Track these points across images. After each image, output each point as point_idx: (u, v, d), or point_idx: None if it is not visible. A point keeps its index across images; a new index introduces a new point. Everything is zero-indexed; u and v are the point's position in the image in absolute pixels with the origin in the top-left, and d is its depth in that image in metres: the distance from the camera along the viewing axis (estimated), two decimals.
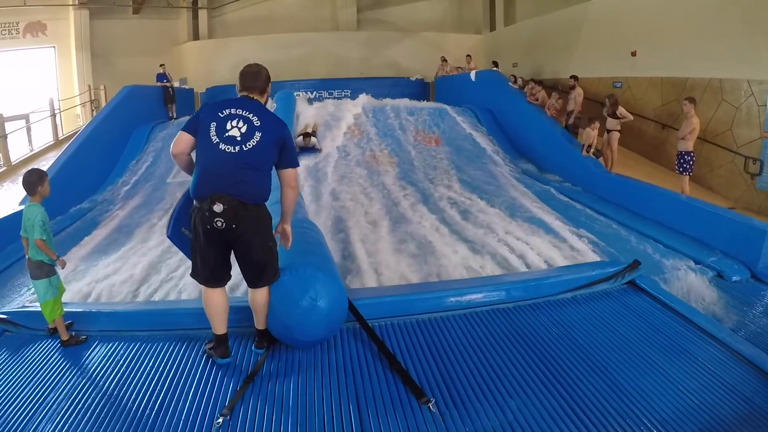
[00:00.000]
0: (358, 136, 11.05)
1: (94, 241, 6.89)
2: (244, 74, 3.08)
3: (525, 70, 14.02)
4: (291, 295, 3.09)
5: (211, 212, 2.77)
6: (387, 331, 3.46)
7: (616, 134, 8.05)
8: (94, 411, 2.73)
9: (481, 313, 3.68)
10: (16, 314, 3.94)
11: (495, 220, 6.58)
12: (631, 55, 9.98)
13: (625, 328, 3.47)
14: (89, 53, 17.05)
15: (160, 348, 3.37)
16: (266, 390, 2.84)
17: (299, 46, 18.71)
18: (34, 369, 3.24)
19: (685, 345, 3.27)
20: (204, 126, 2.88)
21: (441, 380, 2.85)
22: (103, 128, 10.36)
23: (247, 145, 2.83)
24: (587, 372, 2.93)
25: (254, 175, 2.86)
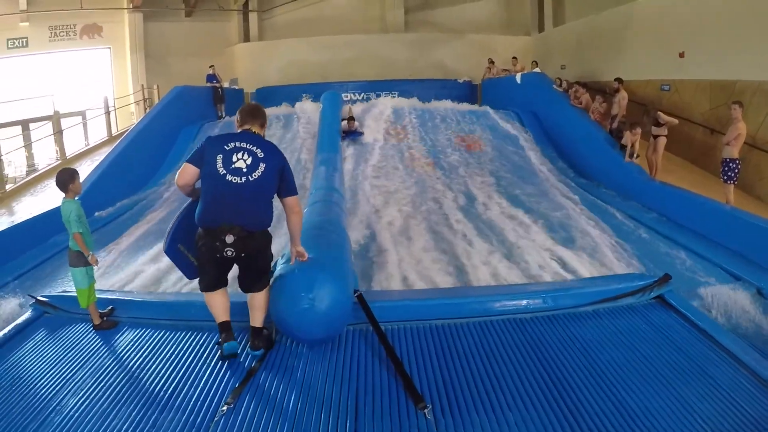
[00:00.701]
0: (399, 138, 11.08)
1: (136, 233, 7.23)
2: (244, 111, 3.27)
3: (573, 73, 13.66)
4: (292, 294, 3.15)
5: (222, 242, 2.96)
6: (399, 335, 3.44)
7: (663, 139, 7.69)
8: (114, 390, 2.95)
9: (496, 322, 3.58)
10: (55, 298, 4.26)
11: (529, 225, 6.48)
12: (679, 56, 9.55)
13: (645, 345, 3.27)
14: (143, 54, 17.85)
15: (180, 336, 3.57)
16: (269, 382, 2.92)
17: (347, 47, 18.84)
18: (65, 349, 3.53)
19: (707, 367, 3.05)
20: (210, 158, 3.01)
21: (443, 387, 2.81)
22: (153, 127, 10.82)
23: (253, 176, 2.99)
24: (594, 390, 2.80)
25: (260, 205, 3.06)
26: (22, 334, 3.84)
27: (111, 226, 7.70)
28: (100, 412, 2.74)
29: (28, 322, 4.02)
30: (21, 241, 6.33)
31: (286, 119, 12.46)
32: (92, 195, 7.99)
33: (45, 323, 3.99)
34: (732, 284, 4.54)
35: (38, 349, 3.59)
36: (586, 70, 13.25)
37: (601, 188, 8.40)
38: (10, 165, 13.57)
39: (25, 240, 6.37)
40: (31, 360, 3.45)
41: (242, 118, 3.23)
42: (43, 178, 9.69)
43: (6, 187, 8.96)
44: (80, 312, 3.90)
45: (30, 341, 3.71)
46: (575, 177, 9.24)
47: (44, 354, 3.50)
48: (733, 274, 4.79)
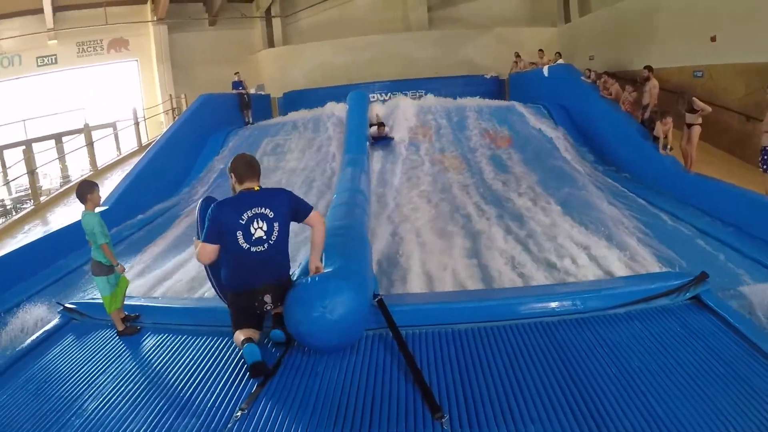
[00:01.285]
0: (425, 137, 10.99)
1: (165, 240, 7.37)
2: (245, 165, 3.31)
3: (602, 63, 13.28)
4: (306, 301, 3.10)
5: (260, 302, 3.24)
6: (419, 340, 3.33)
7: (697, 129, 7.33)
8: (133, 394, 3.00)
9: (521, 325, 3.41)
10: (82, 305, 4.39)
11: (560, 222, 6.29)
12: (711, 40, 9.11)
13: (679, 350, 3.04)
14: (169, 64, 18.31)
15: (200, 341, 3.58)
16: (285, 389, 2.88)
17: (371, 48, 18.90)
18: (90, 354, 3.62)
19: (746, 374, 2.78)
20: (229, 233, 3.14)
21: (462, 396, 2.68)
22: (180, 135, 11.08)
23: (272, 240, 3.20)
24: (623, 400, 2.60)
25: (283, 260, 3.34)
26: (50, 339, 3.97)
27: (141, 233, 7.86)
28: (118, 415, 2.80)
29: (56, 328, 4.14)
30: (55, 249, 6.51)
31: (314, 122, 12.51)
32: (122, 203, 8.22)
33: (72, 329, 4.10)
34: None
35: (64, 354, 3.70)
36: (615, 60, 12.86)
37: (634, 181, 8.12)
38: (45, 177, 14.09)
39: (59, 248, 6.54)
40: (56, 364, 3.56)
41: (241, 176, 3.28)
42: (74, 190, 9.91)
43: (41, 198, 9.21)
44: (106, 318, 4.01)
45: (57, 346, 3.83)
46: (607, 170, 8.95)
47: (69, 359, 3.61)
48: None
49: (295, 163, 10.56)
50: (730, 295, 3.95)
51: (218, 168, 10.80)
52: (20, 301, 5.21)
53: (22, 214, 8.72)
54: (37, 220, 8.34)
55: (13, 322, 4.70)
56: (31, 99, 16.99)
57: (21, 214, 8.71)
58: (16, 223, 8.21)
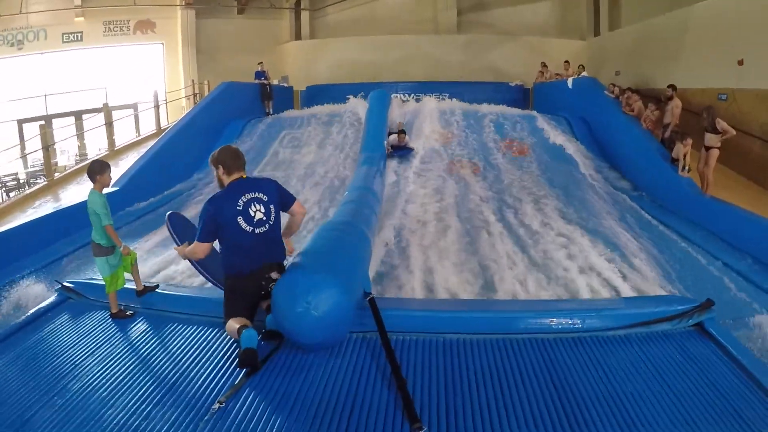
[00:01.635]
0: (445, 141, 10.92)
1: None
2: (232, 156, 3.37)
3: (627, 79, 13.05)
4: (291, 295, 3.05)
5: (267, 280, 3.30)
6: (408, 346, 3.25)
7: (715, 152, 7.16)
8: (116, 379, 2.99)
9: (515, 341, 3.30)
10: (80, 284, 4.38)
11: (569, 237, 6.19)
12: (738, 64, 8.90)
13: (675, 378, 2.92)
14: (195, 50, 18.35)
15: (191, 330, 3.57)
16: (266, 386, 2.84)
17: (398, 47, 18.76)
18: (81, 335, 3.61)
19: (742, 409, 2.67)
20: (229, 223, 3.21)
21: (444, 409, 2.60)
22: (198, 121, 11.08)
23: (271, 221, 3.33)
24: (610, 424, 2.51)
25: (281, 241, 3.48)
26: (45, 317, 3.96)
27: (150, 215, 7.87)
28: (99, 399, 2.80)
29: (51, 306, 4.14)
30: (62, 226, 6.56)
31: (335, 118, 12.49)
32: (133, 185, 8.25)
33: (67, 308, 4.09)
34: None
35: (56, 333, 3.70)
36: (641, 77, 12.66)
37: (647, 199, 7.97)
38: (63, 154, 14.26)
39: (66, 225, 6.58)
40: (47, 343, 3.55)
41: (230, 168, 3.34)
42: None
43: (54, 175, 9.30)
44: (101, 300, 4.03)
45: (50, 325, 3.83)
46: (622, 186, 8.82)
47: (60, 338, 3.60)
48: None
49: (311, 157, 10.53)
50: (736, 324, 3.84)
51: None
52: (22, 276, 5.26)
53: (34, 189, 8.82)
54: (49, 196, 8.43)
55: (12, 297, 4.76)
56: (54, 74, 17.12)
57: (33, 189, 8.81)
58: (28, 198, 8.32)
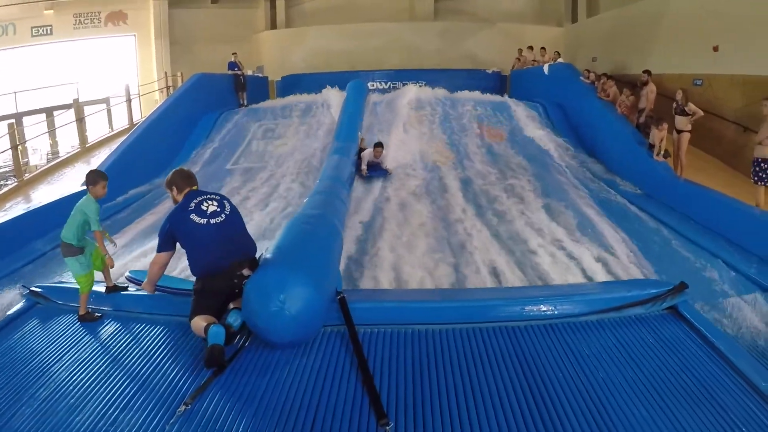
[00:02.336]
0: (419, 127, 10.84)
1: (145, 222, 7.22)
2: (182, 177, 3.55)
3: (604, 65, 13.15)
4: (261, 294, 3.01)
5: (240, 277, 3.24)
6: (378, 339, 3.21)
7: (686, 135, 7.31)
8: (84, 384, 2.93)
9: (485, 329, 3.27)
10: (48, 289, 4.26)
11: (543, 221, 6.20)
12: (713, 50, 9.02)
13: (649, 363, 2.92)
14: (168, 41, 17.96)
15: (158, 331, 3.50)
16: (232, 385, 2.80)
17: (375, 36, 18.66)
18: (49, 341, 3.52)
19: (717, 392, 2.68)
20: (183, 224, 3.26)
21: (412, 403, 2.57)
22: (170, 114, 10.84)
23: (227, 211, 3.36)
24: (582, 412, 2.50)
25: (245, 232, 3.46)
26: (13, 324, 3.85)
27: (123, 213, 7.70)
28: (67, 406, 2.74)
29: (20, 312, 4.03)
30: (31, 229, 6.37)
31: (310, 108, 12.35)
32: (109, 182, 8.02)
33: (36, 314, 3.99)
34: (757, 296, 4.09)
35: (24, 339, 3.61)
36: (618, 63, 12.76)
37: (623, 184, 8.02)
38: (35, 152, 13.88)
39: (36, 228, 6.40)
40: (15, 350, 3.46)
41: (180, 187, 3.49)
42: (60, 166, 9.81)
43: (24, 175, 9.05)
44: (70, 304, 3.94)
45: (19, 331, 3.73)
46: (597, 171, 8.88)
47: (29, 345, 3.52)
48: (760, 285, 4.35)
49: (285, 148, 10.39)
50: (710, 307, 3.86)
51: (208, 150, 10.69)
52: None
53: (4, 191, 8.57)
54: (20, 197, 8.17)
55: None
56: (24, 70, 16.66)
57: (3, 191, 8.56)
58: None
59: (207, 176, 9.26)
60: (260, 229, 6.22)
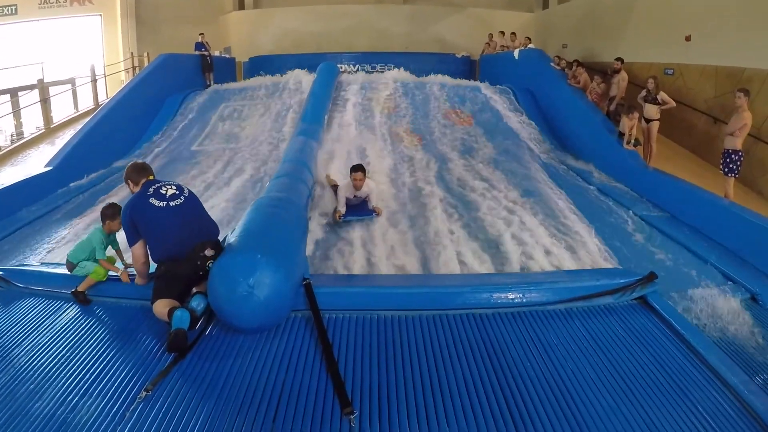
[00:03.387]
0: (388, 110, 10.71)
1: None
2: (136, 170, 3.53)
3: (575, 52, 13.17)
4: (230, 279, 2.96)
5: (203, 259, 3.17)
6: (343, 325, 3.19)
7: (656, 124, 7.37)
8: (44, 370, 2.88)
9: (451, 316, 3.27)
10: (9, 272, 4.14)
11: (510, 208, 6.12)
12: (685, 39, 9.08)
13: (617, 353, 2.93)
14: (134, 21, 17.37)
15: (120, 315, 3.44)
16: (194, 371, 2.77)
17: (343, 18, 18.44)
18: (9, 324, 3.46)
19: (686, 385, 2.71)
20: (144, 211, 3.23)
21: (377, 391, 2.56)
22: (135, 95, 10.47)
23: (185, 194, 3.37)
24: (549, 403, 2.50)
25: (205, 214, 3.47)
26: None
27: (85, 194, 7.44)
28: (27, 391, 2.70)
29: None
30: None
31: (277, 89, 12.08)
32: (69, 163, 7.80)
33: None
34: (725, 287, 4.12)
35: None
36: (588, 50, 12.80)
37: (592, 171, 8.02)
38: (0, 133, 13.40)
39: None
40: None
41: (136, 180, 3.47)
42: (24, 147, 9.52)
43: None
44: (31, 287, 3.90)
45: None
46: (565, 158, 8.84)
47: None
48: (728, 276, 4.41)
49: (251, 129, 10.14)
50: (678, 297, 3.87)
51: (173, 131, 10.40)
52: None
53: None
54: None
55: None
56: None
57: None
58: None
59: (172, 157, 9.04)
60: (223, 211, 6.07)
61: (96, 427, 2.39)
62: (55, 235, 5.79)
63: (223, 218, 5.61)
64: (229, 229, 4.02)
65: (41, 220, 6.29)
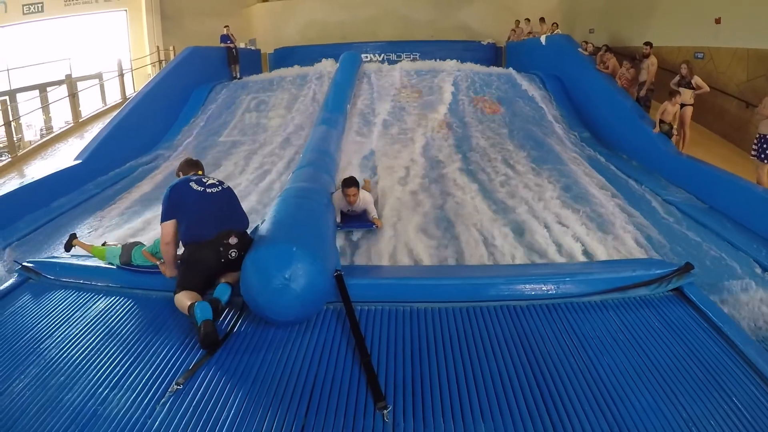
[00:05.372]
0: (414, 98, 10.61)
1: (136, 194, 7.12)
2: (187, 164, 3.87)
3: (602, 37, 12.78)
4: (265, 271, 2.93)
5: (226, 246, 3.23)
6: (376, 318, 3.14)
7: (689, 109, 7.13)
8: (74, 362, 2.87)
9: (485, 309, 3.18)
10: (41, 264, 4.18)
11: (541, 196, 6.04)
12: (715, 22, 8.73)
13: (654, 347, 2.82)
14: (159, 15, 17.53)
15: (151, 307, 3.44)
16: (226, 365, 2.74)
17: (367, 6, 18.36)
18: (41, 316, 3.48)
19: (724, 380, 2.59)
20: (184, 193, 3.36)
21: (410, 385, 2.50)
22: (162, 88, 10.58)
23: (224, 186, 3.50)
24: (586, 398, 2.42)
25: (239, 208, 3.52)
26: (4, 300, 3.80)
27: (115, 187, 7.56)
28: (58, 383, 2.71)
29: (12, 287, 3.98)
30: (25, 204, 6.29)
31: (302, 80, 12.12)
32: (96, 158, 7.92)
33: (27, 289, 3.93)
34: (761, 278, 3.97)
35: (16, 314, 3.57)
36: (616, 35, 12.42)
37: (624, 158, 7.85)
38: (29, 128, 13.74)
39: (30, 203, 6.34)
40: (6, 326, 3.41)
41: (188, 169, 3.79)
42: (54, 142, 9.71)
43: (18, 151, 8.93)
44: (62, 279, 3.92)
45: (10, 307, 3.68)
46: (596, 145, 8.66)
47: (20, 320, 3.47)
48: (764, 266, 4.24)
49: (278, 120, 10.18)
50: (715, 288, 3.75)
51: (200, 123, 10.47)
52: None
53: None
54: (13, 173, 8.07)
55: None
56: (17, 47, 16.34)
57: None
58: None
59: (199, 148, 9.12)
60: (253, 202, 6.12)
61: (126, 421, 2.38)
62: (85, 227, 5.89)
63: (251, 209, 5.63)
64: (258, 218, 4.02)
65: (71, 212, 6.44)
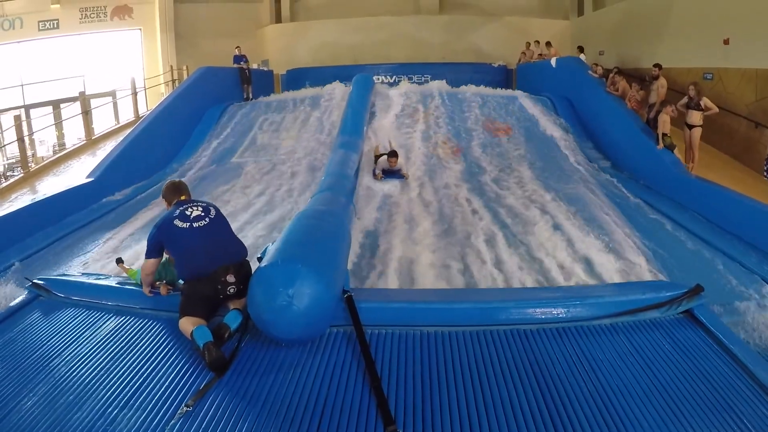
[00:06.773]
0: (425, 121, 10.72)
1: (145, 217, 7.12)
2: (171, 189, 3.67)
3: (612, 59, 12.97)
4: (269, 288, 2.93)
5: (224, 284, 3.20)
6: (386, 341, 3.12)
7: (698, 130, 7.15)
8: (83, 381, 2.85)
9: (495, 332, 3.16)
10: (51, 281, 4.16)
11: (552, 219, 6.06)
12: (724, 43, 8.83)
13: (665, 370, 2.79)
14: (173, 35, 17.99)
15: (161, 328, 3.41)
16: (235, 387, 2.73)
17: (379, 29, 18.57)
18: (49, 335, 3.44)
19: (736, 402, 2.54)
20: (168, 231, 3.28)
21: (420, 408, 2.48)
22: (174, 108, 10.77)
23: (211, 215, 3.37)
24: (597, 423, 2.39)
25: (232, 236, 3.47)
26: (14, 317, 3.78)
27: (126, 206, 7.64)
28: (67, 402, 2.69)
29: (22, 304, 3.96)
30: (35, 220, 6.33)
31: (315, 101, 12.25)
32: (108, 176, 8.00)
33: (37, 307, 3.92)
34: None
35: (25, 332, 3.55)
36: (625, 57, 12.59)
37: (633, 180, 7.87)
38: (42, 144, 13.94)
39: (42, 219, 6.39)
40: (15, 343, 3.40)
41: (170, 197, 3.60)
42: (66, 158, 9.83)
43: (30, 166, 9.06)
44: (72, 297, 3.90)
45: (20, 325, 3.66)
46: (606, 167, 8.72)
47: (29, 338, 3.45)
48: None
49: (290, 141, 10.31)
50: (726, 310, 3.73)
51: (213, 144, 10.60)
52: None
53: (10, 182, 8.56)
54: (26, 188, 8.18)
55: None
56: (31, 64, 16.71)
57: (9, 182, 8.56)
58: (4, 191, 8.05)
59: (212, 169, 9.22)
60: (266, 225, 6.15)
61: None
62: (96, 246, 5.95)
63: (264, 232, 5.76)
64: (270, 241, 4.03)
65: (82, 231, 6.49)
